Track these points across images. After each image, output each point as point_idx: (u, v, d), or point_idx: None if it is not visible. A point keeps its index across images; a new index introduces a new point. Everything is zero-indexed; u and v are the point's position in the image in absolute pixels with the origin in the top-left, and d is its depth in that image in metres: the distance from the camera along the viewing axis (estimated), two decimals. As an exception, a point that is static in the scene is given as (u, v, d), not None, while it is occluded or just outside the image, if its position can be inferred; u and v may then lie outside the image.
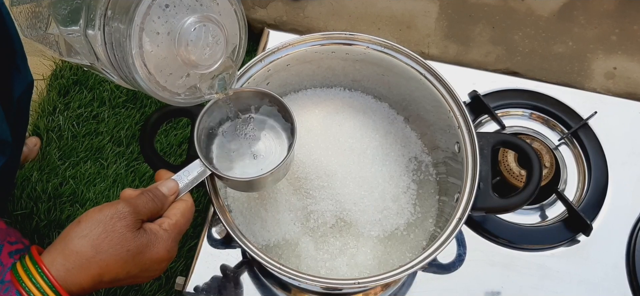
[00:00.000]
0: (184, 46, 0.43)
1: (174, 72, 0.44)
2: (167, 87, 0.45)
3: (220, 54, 0.46)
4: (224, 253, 0.74)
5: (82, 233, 0.42)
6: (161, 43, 0.42)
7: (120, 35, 0.40)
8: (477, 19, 0.98)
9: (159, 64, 0.43)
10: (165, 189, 0.48)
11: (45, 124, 0.95)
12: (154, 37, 0.42)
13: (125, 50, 0.40)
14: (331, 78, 0.72)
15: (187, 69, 0.45)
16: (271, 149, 0.57)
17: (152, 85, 0.43)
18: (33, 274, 0.41)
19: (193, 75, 0.46)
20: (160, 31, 0.42)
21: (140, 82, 0.42)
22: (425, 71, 0.64)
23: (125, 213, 0.43)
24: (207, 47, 0.45)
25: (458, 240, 0.76)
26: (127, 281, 0.46)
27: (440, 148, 0.68)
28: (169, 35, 0.42)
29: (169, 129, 0.95)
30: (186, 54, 0.44)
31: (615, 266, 0.73)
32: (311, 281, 0.54)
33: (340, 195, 0.66)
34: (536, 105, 0.84)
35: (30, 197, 0.88)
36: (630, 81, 0.95)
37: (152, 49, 0.42)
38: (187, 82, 0.46)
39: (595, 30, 0.99)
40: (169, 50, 0.43)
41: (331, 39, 0.64)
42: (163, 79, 0.44)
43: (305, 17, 0.99)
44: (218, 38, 0.45)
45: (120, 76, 0.43)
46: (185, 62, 0.44)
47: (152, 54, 0.42)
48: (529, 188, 0.57)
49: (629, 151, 0.81)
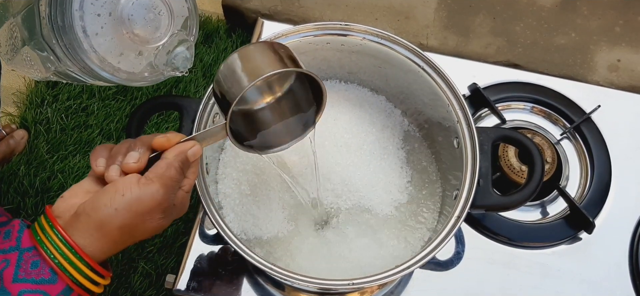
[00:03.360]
0: (127, 23, 0.43)
1: (125, 52, 0.44)
2: (121, 68, 0.44)
3: (166, 26, 0.46)
4: (216, 249, 0.72)
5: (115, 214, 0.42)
6: (105, 24, 0.43)
7: (64, 24, 0.40)
8: (478, 9, 0.96)
9: (108, 47, 0.43)
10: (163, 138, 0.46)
11: (33, 116, 0.93)
12: (96, 20, 0.42)
13: (73, 40, 0.41)
14: (326, 70, 0.70)
15: (136, 46, 0.45)
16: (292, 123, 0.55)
17: (108, 69, 0.43)
18: (75, 263, 0.41)
19: (146, 52, 0.46)
20: (101, 13, 0.42)
21: (95, 68, 0.42)
22: (423, 63, 0.61)
23: (160, 199, 0.43)
24: (150, 20, 0.45)
25: (457, 238, 0.74)
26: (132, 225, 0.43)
27: (440, 143, 0.66)
28: (110, 15, 0.42)
29: (160, 122, 0.93)
30: (130, 30, 0.44)
31: (618, 266, 0.71)
32: (304, 281, 0.52)
33: (336, 192, 0.65)
34: (538, 98, 0.82)
35: (17, 191, 0.86)
36: (635, 74, 0.92)
37: (98, 32, 0.42)
38: (143, 60, 0.46)
39: (599, 21, 0.97)
40: (114, 31, 0.43)
41: (326, 29, 0.62)
42: (116, 61, 0.44)
43: (300, 7, 0.96)
44: (159, 10, 0.45)
45: (83, 72, 0.43)
46: (132, 39, 0.44)
47: (98, 37, 0.42)
48: (531, 185, 0.55)
49: (633, 146, 0.79)
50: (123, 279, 0.80)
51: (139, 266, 0.80)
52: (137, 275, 0.80)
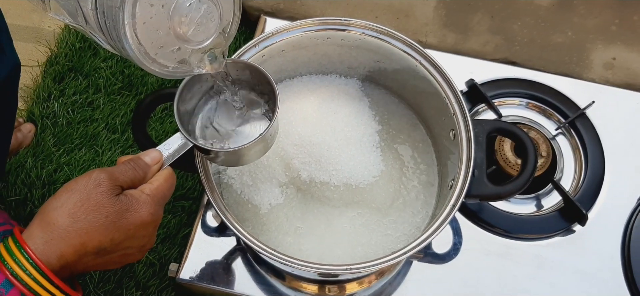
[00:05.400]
0: (178, 20, 0.43)
1: (165, 45, 0.44)
2: (156, 60, 0.44)
3: (214, 30, 0.46)
4: (217, 241, 0.74)
5: (58, 204, 0.42)
6: (154, 15, 0.42)
7: (112, 3, 0.39)
8: (476, 8, 0.98)
9: (150, 36, 0.42)
10: (148, 159, 0.47)
11: (40, 111, 0.94)
12: (148, 9, 0.41)
13: (117, 20, 0.39)
14: (327, 65, 0.72)
15: (178, 42, 0.45)
16: (256, 127, 0.57)
17: (142, 56, 0.43)
18: (13, 251, 0.41)
19: (184, 49, 0.46)
20: (155, 3, 0.41)
21: (130, 52, 0.41)
22: (420, 57, 0.63)
23: (100, 179, 0.43)
24: (200, 22, 0.44)
25: (454, 229, 0.75)
26: (119, 254, 0.45)
27: (437, 134, 0.67)
28: (163, 8, 0.42)
29: (165, 116, 0.95)
30: (179, 28, 0.43)
31: (611, 257, 0.73)
32: (304, 266, 0.53)
33: (336, 185, 0.66)
34: (533, 94, 0.83)
35: (24, 183, 0.88)
36: (630, 72, 0.94)
37: (145, 21, 0.41)
38: (178, 56, 0.46)
39: (595, 20, 0.98)
40: (161, 23, 0.42)
41: (326, 24, 0.64)
42: (153, 51, 0.43)
43: (302, 5, 0.98)
44: (212, 14, 0.45)
45: (109, 43, 0.42)
46: (178, 36, 0.44)
47: (144, 26, 0.41)
48: (524, 175, 0.57)
49: (627, 141, 0.81)
50: (127, 269, 0.82)
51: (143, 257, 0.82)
52: (141, 265, 0.82)
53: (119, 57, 0.99)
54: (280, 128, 0.66)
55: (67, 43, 1.01)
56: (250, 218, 0.65)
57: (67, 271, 0.43)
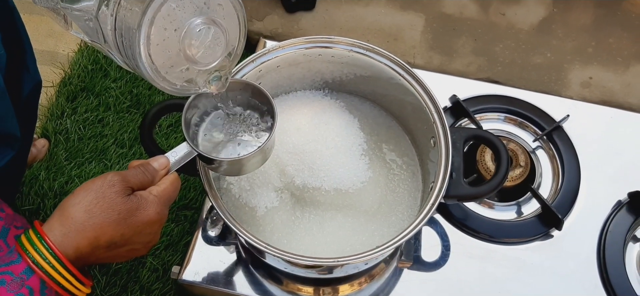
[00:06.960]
0: (188, 43, 0.47)
1: (175, 65, 0.49)
2: (166, 78, 0.49)
3: (219, 53, 0.50)
4: (216, 249, 0.78)
5: (76, 201, 0.47)
6: (167, 38, 0.46)
7: (130, 25, 0.43)
8: (461, 32, 1.05)
9: (162, 56, 0.46)
10: (156, 164, 0.52)
11: (54, 127, 1.01)
12: (162, 32, 0.45)
13: (134, 40, 0.43)
14: (319, 82, 0.78)
15: (187, 63, 0.49)
16: (254, 139, 0.62)
17: (154, 73, 0.47)
18: (34, 241, 0.45)
19: (191, 70, 0.51)
20: (168, 27, 0.45)
21: (143, 70, 0.46)
22: (403, 72, 0.69)
23: (114, 181, 0.48)
24: (208, 46, 0.49)
25: (441, 235, 0.80)
26: (127, 248, 0.50)
27: (420, 142, 0.73)
28: (175, 31, 0.46)
29: (170, 132, 1.01)
30: (189, 51, 0.48)
31: (588, 259, 0.77)
32: (295, 259, 0.58)
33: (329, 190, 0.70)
34: (513, 109, 0.88)
35: (37, 194, 0.93)
36: (606, 90, 1.00)
37: (158, 42, 0.45)
38: (186, 75, 0.51)
39: (573, 42, 1.05)
40: (173, 45, 0.47)
41: (315, 42, 0.70)
42: (164, 70, 0.48)
43: (299, 29, 1.05)
44: (219, 40, 0.49)
45: (124, 60, 0.47)
46: (187, 57, 0.48)
47: (157, 47, 0.45)
48: (497, 177, 0.62)
49: (601, 153, 0.85)
50: (132, 274, 0.86)
51: (147, 262, 0.87)
52: (146, 269, 0.86)
53: (128, 78, 1.06)
54: (276, 138, 0.72)
55: (80, 65, 1.08)
56: (247, 221, 0.70)
57: (81, 262, 0.48)
